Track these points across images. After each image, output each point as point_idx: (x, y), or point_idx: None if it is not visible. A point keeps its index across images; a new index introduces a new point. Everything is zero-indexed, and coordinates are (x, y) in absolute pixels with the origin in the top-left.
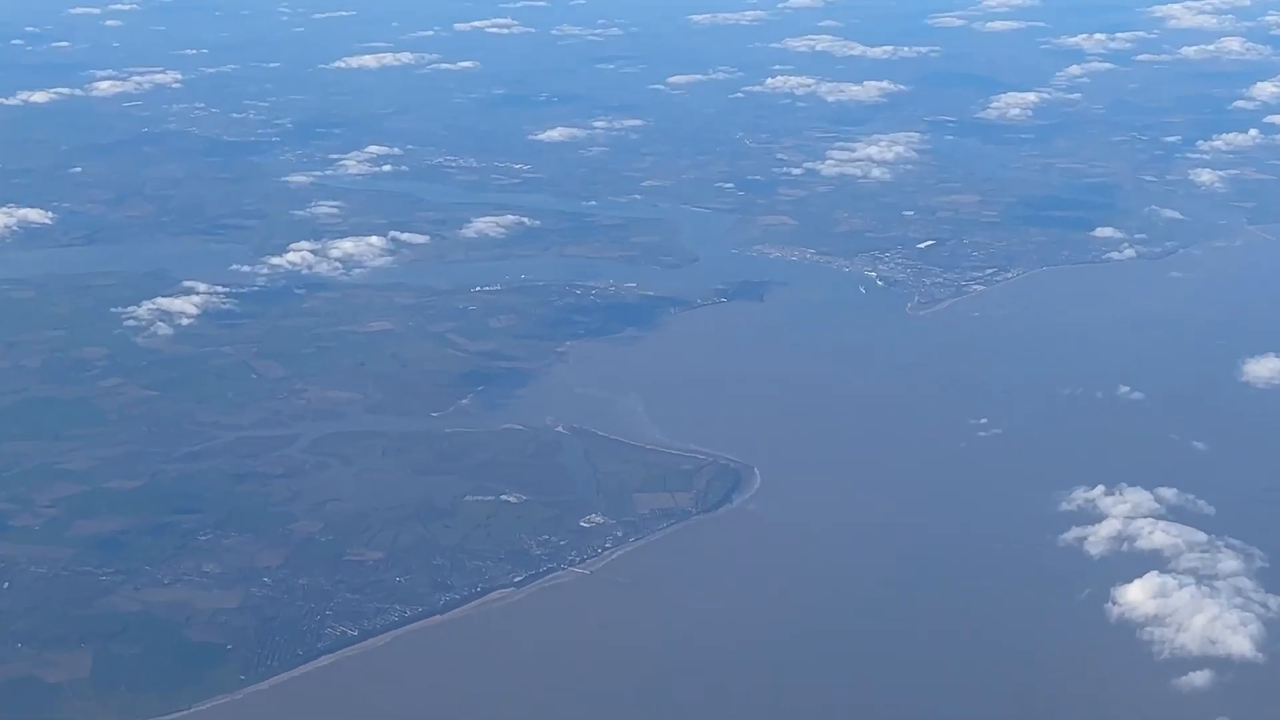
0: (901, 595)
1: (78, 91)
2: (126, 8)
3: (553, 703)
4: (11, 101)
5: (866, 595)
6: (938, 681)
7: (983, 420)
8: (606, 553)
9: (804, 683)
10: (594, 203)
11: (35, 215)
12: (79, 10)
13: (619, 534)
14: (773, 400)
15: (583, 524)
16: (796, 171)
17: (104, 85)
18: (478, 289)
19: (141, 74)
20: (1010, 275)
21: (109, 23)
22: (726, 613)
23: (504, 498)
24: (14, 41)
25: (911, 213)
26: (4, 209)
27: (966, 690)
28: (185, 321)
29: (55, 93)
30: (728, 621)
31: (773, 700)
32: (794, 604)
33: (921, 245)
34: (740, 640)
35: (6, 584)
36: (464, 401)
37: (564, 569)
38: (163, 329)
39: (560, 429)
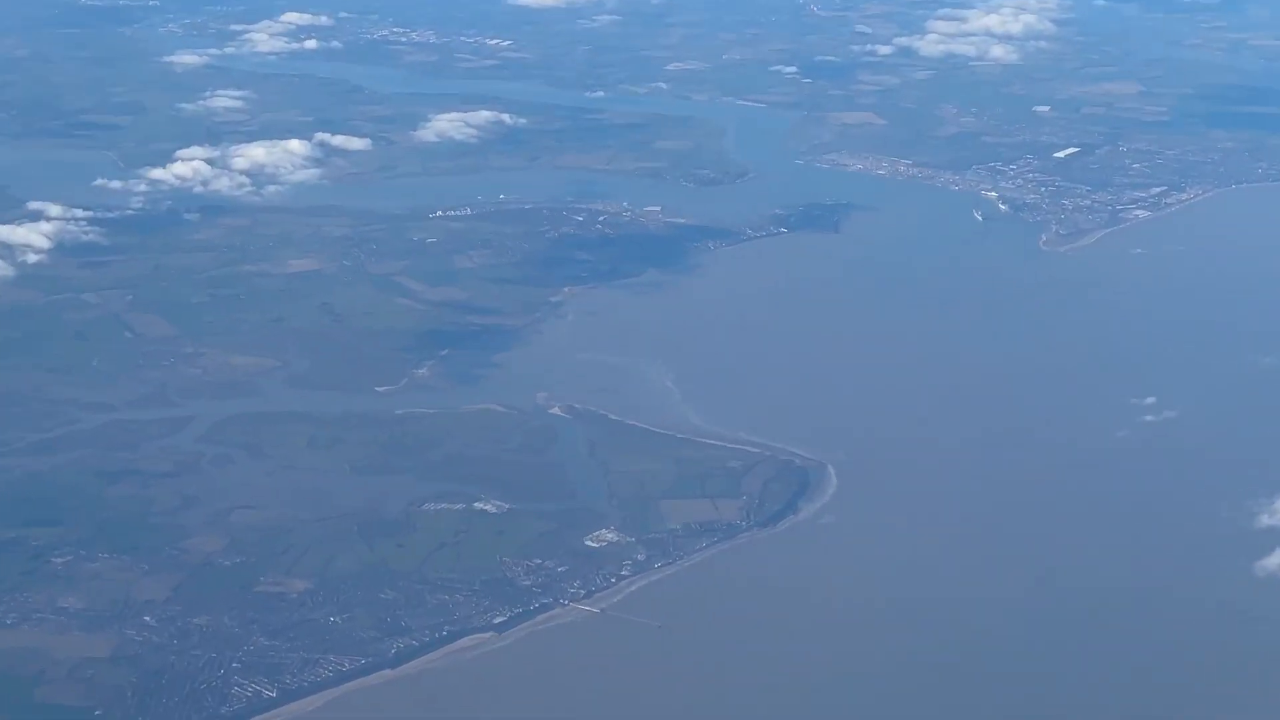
0: (1039, 645)
1: None
2: None
3: None
4: None
5: (989, 646)
6: None
7: (1149, 400)
8: (623, 583)
9: None
10: (601, 94)
11: None
12: None
13: (640, 557)
14: (853, 371)
15: (589, 543)
16: (884, 50)
17: None
18: (439, 214)
19: None
20: (1186, 196)
21: None
22: (791, 668)
23: (479, 506)
24: None
25: (1046, 108)
26: None
27: None
28: (32, 258)
29: None
30: (794, 680)
31: None
32: (886, 657)
33: (1061, 154)
34: (813, 708)
35: None
36: (421, 371)
37: (564, 605)
38: (1, 269)
39: (556, 410)
